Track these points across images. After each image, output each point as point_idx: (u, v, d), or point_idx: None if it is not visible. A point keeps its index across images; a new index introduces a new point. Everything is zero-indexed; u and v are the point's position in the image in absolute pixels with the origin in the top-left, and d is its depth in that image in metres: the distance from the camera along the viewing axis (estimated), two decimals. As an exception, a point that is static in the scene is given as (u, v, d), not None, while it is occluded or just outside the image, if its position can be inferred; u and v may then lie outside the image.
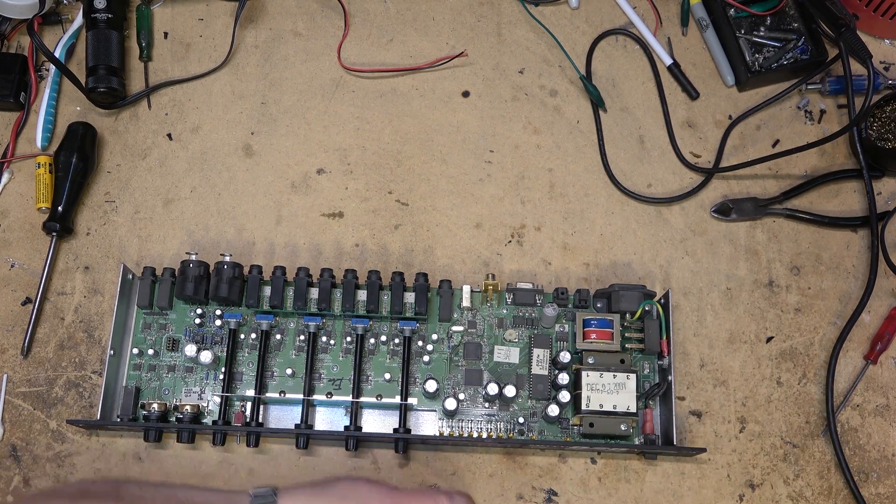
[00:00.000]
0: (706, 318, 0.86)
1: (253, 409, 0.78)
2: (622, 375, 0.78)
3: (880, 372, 0.84)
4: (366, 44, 0.95)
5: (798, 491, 0.80)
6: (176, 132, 0.91)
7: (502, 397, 0.79)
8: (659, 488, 0.80)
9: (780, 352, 0.85)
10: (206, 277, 0.81)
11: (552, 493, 0.79)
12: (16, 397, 0.81)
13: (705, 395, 0.83)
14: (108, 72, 0.89)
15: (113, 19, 0.90)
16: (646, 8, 0.97)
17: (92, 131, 0.88)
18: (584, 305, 0.83)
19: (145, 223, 0.87)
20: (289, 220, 0.88)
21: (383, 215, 0.88)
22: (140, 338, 0.82)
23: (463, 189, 0.90)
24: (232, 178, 0.89)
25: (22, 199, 0.88)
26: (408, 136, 0.91)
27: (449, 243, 0.87)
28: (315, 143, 0.91)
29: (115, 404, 0.79)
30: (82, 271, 0.85)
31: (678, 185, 0.91)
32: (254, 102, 0.92)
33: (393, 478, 0.79)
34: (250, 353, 0.81)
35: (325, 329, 0.82)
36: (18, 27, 0.93)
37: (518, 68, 0.94)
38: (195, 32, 0.95)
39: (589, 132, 0.92)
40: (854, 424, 0.83)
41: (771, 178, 0.91)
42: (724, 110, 0.94)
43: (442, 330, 0.82)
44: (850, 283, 0.87)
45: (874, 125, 0.90)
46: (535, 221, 0.89)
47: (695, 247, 0.88)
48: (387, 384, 0.80)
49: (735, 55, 0.93)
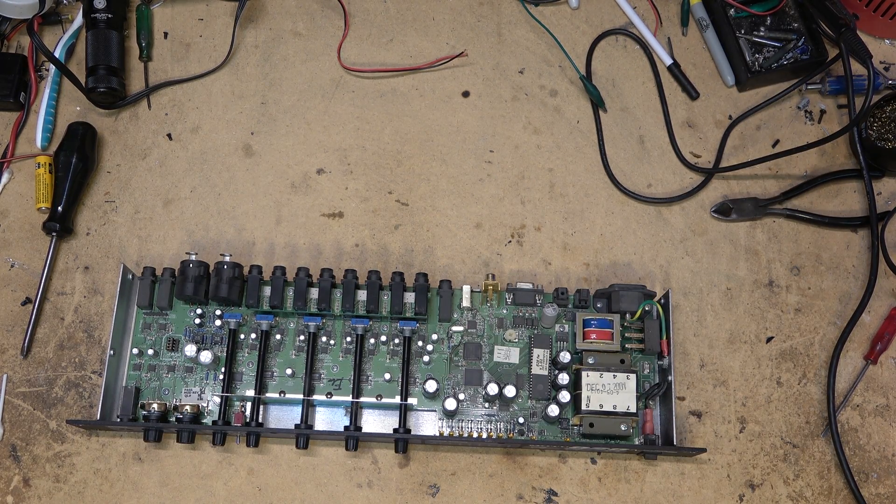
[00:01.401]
0: (706, 318, 0.86)
1: (253, 409, 0.78)
2: (622, 375, 0.78)
3: (880, 372, 0.84)
4: (366, 44, 0.95)
5: (798, 491, 0.80)
6: (176, 132, 0.91)
7: (502, 397, 0.79)
8: (659, 488, 0.80)
9: (780, 352, 0.85)
10: (206, 277, 0.81)
11: (552, 493, 0.79)
12: (16, 397, 0.81)
13: (705, 395, 0.83)
14: (108, 72, 0.89)
15: (113, 19, 0.90)
16: (646, 8, 0.97)
17: (92, 131, 0.88)
18: (584, 305, 0.83)
19: (145, 223, 0.87)
20: (289, 220, 0.88)
21: (383, 215, 0.88)
22: (140, 338, 0.82)
23: (463, 189, 0.90)
24: (232, 178, 0.89)
25: (22, 199, 0.88)
26: (408, 136, 0.91)
27: (449, 243, 0.87)
28: (315, 143, 0.91)
29: (115, 404, 0.79)
30: (82, 271, 0.85)
31: (678, 185, 0.91)
32: (254, 102, 0.92)
33: (393, 478, 0.79)
34: (250, 354, 0.81)
35: (325, 329, 0.82)
36: (18, 27, 0.93)
37: (518, 68, 0.94)
38: (195, 32, 0.95)
39: (589, 132, 0.92)
40: (854, 424, 0.83)
41: (771, 178, 0.91)
42: (724, 110, 0.94)
43: (442, 330, 0.82)
44: (850, 283, 0.87)
45: (874, 125, 0.89)
46: (535, 221, 0.89)
47: (695, 247, 0.88)
48: (387, 384, 0.80)
49: (735, 55, 0.93)
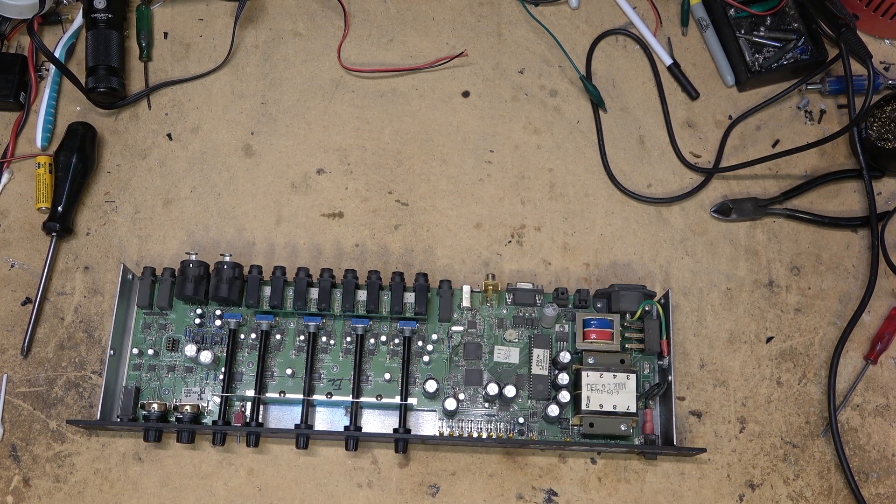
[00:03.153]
0: (706, 318, 0.85)
1: (253, 409, 0.78)
2: (622, 375, 0.78)
3: (880, 372, 0.84)
4: (366, 44, 0.95)
5: (798, 491, 0.80)
6: (176, 132, 0.91)
7: (502, 397, 0.79)
8: (659, 488, 0.80)
9: (780, 352, 0.85)
10: (206, 277, 0.81)
11: (552, 493, 0.79)
12: (16, 397, 0.81)
13: (705, 395, 0.83)
14: (108, 72, 0.89)
15: (113, 19, 0.90)
16: (646, 8, 0.97)
17: (92, 131, 0.88)
18: (584, 305, 0.83)
19: (145, 223, 0.87)
20: (289, 220, 0.88)
21: (383, 215, 0.88)
22: (140, 338, 0.82)
23: (463, 189, 0.90)
24: (232, 178, 0.89)
25: (22, 199, 0.88)
26: (408, 136, 0.91)
27: (449, 243, 0.87)
28: (315, 143, 0.91)
29: (115, 404, 0.79)
30: (82, 271, 0.85)
31: (678, 185, 0.91)
32: (254, 102, 0.92)
33: (393, 478, 0.79)
34: (250, 353, 0.81)
35: (325, 329, 0.82)
36: (18, 27, 0.93)
37: (518, 68, 0.94)
38: (195, 32, 0.95)
39: (589, 132, 0.92)
40: (854, 424, 0.83)
41: (771, 178, 0.91)
42: (724, 110, 0.94)
43: (442, 330, 0.82)
44: (850, 283, 0.87)
45: (874, 125, 0.89)
46: (535, 221, 0.89)
47: (695, 247, 0.88)
48: (387, 384, 0.80)
49: (735, 55, 0.93)
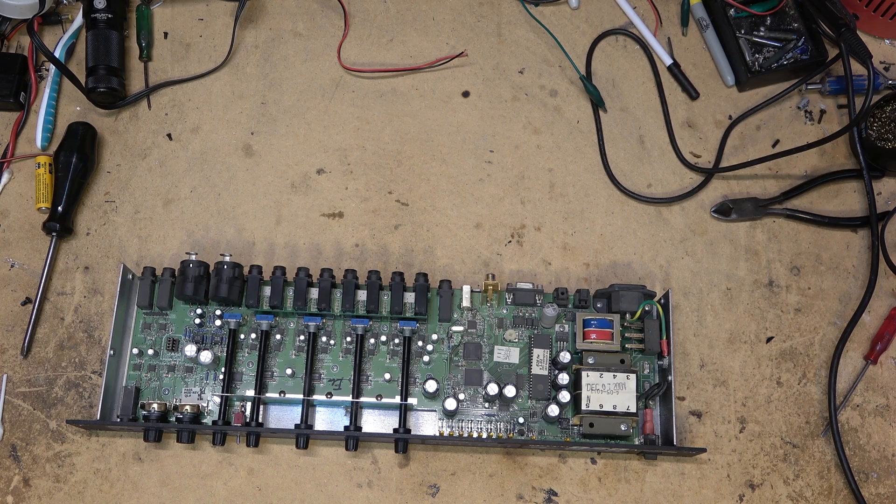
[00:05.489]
0: (706, 318, 0.85)
1: (253, 409, 0.78)
2: (622, 375, 0.78)
3: (880, 372, 0.84)
4: (366, 44, 0.95)
5: (798, 491, 0.80)
6: (176, 132, 0.91)
7: (502, 397, 0.79)
8: (659, 488, 0.80)
9: (780, 352, 0.85)
10: (206, 277, 0.81)
11: (552, 493, 0.79)
12: (16, 397, 0.81)
13: (705, 395, 0.83)
14: (108, 72, 0.89)
15: (113, 19, 0.90)
16: (646, 8, 0.97)
17: (92, 131, 0.88)
18: (584, 305, 0.83)
19: (145, 223, 0.87)
20: (289, 220, 0.88)
21: (383, 215, 0.88)
22: (140, 338, 0.82)
23: (463, 189, 0.90)
24: (232, 178, 0.89)
25: (22, 199, 0.88)
26: (408, 136, 0.91)
27: (449, 243, 0.87)
28: (315, 143, 0.91)
29: (115, 404, 0.79)
30: (82, 271, 0.85)
31: (678, 185, 0.91)
32: (254, 102, 0.92)
33: (393, 478, 0.79)
34: (250, 353, 0.81)
35: (325, 329, 0.82)
36: (18, 27, 0.93)
37: (518, 68, 0.94)
38: (195, 32, 0.95)
39: (589, 132, 0.92)
40: (854, 424, 0.83)
41: (771, 178, 0.91)
42: (724, 110, 0.94)
43: (442, 330, 0.82)
44: (850, 283, 0.87)
45: (874, 125, 0.89)
46: (535, 221, 0.89)
47: (695, 247, 0.88)
48: (387, 384, 0.80)
49: (735, 55, 0.93)
